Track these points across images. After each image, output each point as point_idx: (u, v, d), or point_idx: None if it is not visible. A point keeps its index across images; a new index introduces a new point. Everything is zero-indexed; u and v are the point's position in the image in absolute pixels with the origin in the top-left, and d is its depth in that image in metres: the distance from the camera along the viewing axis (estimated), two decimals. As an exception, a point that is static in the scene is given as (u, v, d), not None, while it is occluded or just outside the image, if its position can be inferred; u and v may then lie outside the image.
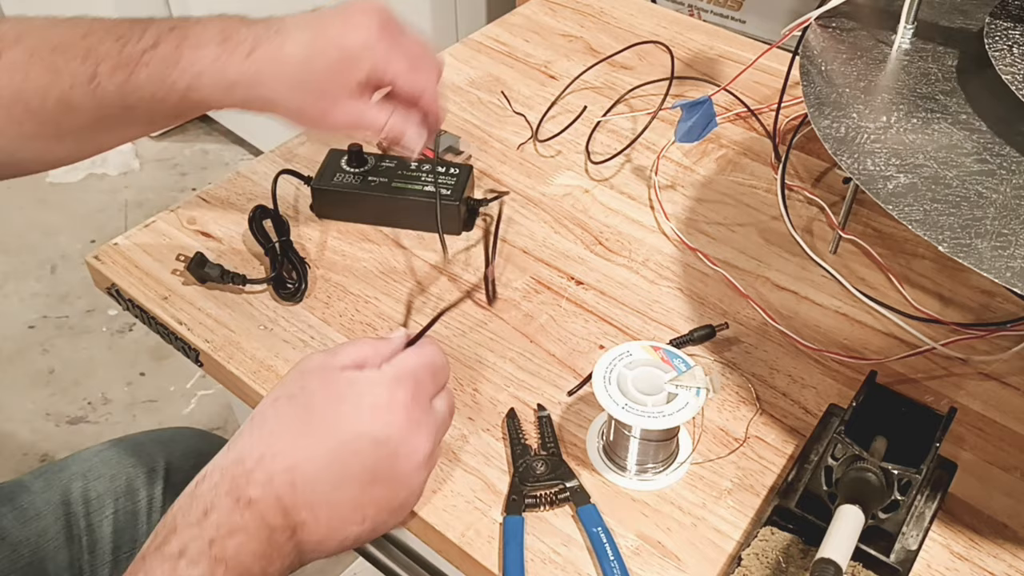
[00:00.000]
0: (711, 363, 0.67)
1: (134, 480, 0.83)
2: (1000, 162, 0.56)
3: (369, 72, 0.64)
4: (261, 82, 0.62)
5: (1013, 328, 0.68)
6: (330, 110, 0.64)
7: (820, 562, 0.48)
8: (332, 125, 0.65)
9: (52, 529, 0.79)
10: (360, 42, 0.63)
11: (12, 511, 0.79)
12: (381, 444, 0.52)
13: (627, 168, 0.83)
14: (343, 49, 0.63)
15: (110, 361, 1.77)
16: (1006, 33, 0.63)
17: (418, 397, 0.53)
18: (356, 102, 0.64)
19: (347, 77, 0.63)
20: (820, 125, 0.60)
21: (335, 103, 0.64)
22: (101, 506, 0.81)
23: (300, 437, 0.51)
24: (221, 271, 0.71)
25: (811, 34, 0.68)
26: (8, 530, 0.77)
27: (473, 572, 0.57)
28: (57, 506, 0.80)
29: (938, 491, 0.58)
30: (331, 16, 0.64)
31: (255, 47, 0.62)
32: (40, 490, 0.81)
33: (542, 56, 0.97)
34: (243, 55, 0.62)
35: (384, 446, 0.52)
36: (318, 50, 0.63)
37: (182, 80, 0.61)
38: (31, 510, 0.80)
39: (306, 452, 0.50)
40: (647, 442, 0.58)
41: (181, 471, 0.85)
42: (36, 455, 1.61)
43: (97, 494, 0.82)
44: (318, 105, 0.64)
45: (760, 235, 0.77)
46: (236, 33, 0.62)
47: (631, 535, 0.57)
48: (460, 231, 0.76)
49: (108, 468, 0.83)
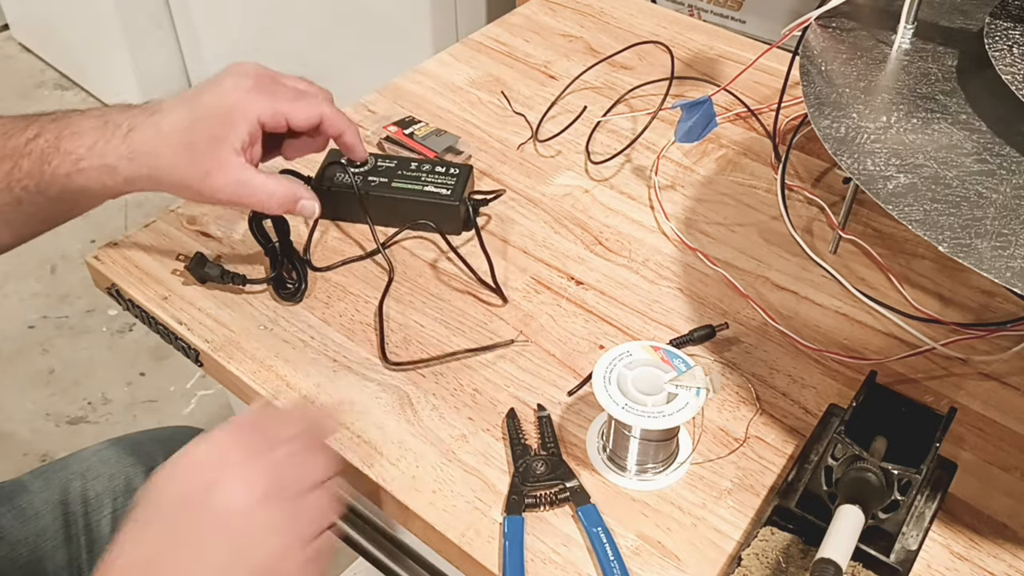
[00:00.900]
0: (711, 363, 0.67)
1: (133, 479, 0.83)
2: (1000, 162, 0.56)
3: (251, 127, 0.64)
4: (141, 160, 0.63)
5: (1013, 328, 0.68)
6: (214, 172, 0.63)
7: (820, 562, 0.48)
8: (218, 188, 0.64)
9: (50, 528, 0.79)
10: (236, 99, 0.64)
11: (11, 511, 0.79)
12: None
13: (627, 168, 0.83)
14: (220, 108, 0.63)
15: (110, 361, 1.77)
16: (1006, 33, 0.63)
17: None
18: (240, 165, 0.64)
19: (227, 134, 0.63)
20: (820, 125, 0.60)
21: (219, 165, 0.63)
22: (99, 505, 0.81)
23: None
24: (221, 271, 0.71)
25: (811, 34, 0.68)
26: (6, 529, 0.77)
27: (473, 572, 0.57)
28: (56, 505, 0.80)
29: (938, 491, 0.58)
30: (205, 86, 0.65)
31: (132, 127, 0.63)
32: (39, 490, 0.81)
33: (542, 56, 0.97)
34: (121, 137, 0.63)
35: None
36: (196, 117, 0.63)
37: (62, 167, 0.62)
38: (29, 509, 0.80)
39: None
40: (647, 442, 0.58)
41: None
42: (36, 455, 1.61)
43: (96, 493, 0.82)
44: (201, 167, 0.63)
45: (760, 235, 0.77)
46: (114, 118, 0.63)
47: (631, 535, 0.57)
48: (460, 231, 0.76)
49: (107, 467, 0.83)
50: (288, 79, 0.68)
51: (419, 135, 0.84)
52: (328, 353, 0.67)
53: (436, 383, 0.65)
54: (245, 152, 0.64)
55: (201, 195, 0.65)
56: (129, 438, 0.88)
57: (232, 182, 0.64)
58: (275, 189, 0.65)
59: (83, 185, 0.63)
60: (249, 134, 0.64)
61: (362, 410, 0.63)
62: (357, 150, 0.72)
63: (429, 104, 0.90)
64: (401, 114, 0.87)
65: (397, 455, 0.61)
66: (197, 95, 0.65)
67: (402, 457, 0.61)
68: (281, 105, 0.65)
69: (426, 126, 0.85)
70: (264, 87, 0.65)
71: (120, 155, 0.63)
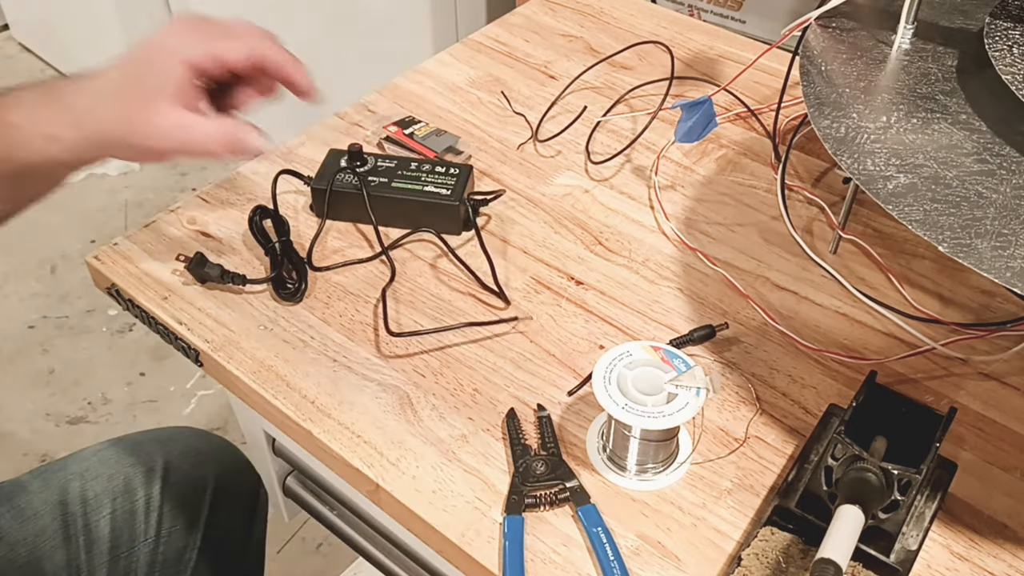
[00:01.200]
0: (711, 363, 0.67)
1: (132, 479, 0.83)
2: (1000, 162, 0.56)
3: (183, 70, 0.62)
4: (82, 123, 0.62)
5: (1013, 328, 0.68)
6: (151, 120, 0.62)
7: (820, 562, 0.48)
8: (157, 137, 0.62)
9: (49, 529, 0.79)
10: (166, 44, 0.63)
11: (9, 511, 0.79)
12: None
13: (627, 168, 0.83)
14: (150, 56, 0.63)
15: (110, 361, 1.77)
16: (1006, 33, 0.63)
17: None
18: (176, 111, 0.62)
19: (159, 80, 0.62)
20: (820, 125, 0.60)
21: (155, 112, 0.62)
22: (99, 506, 0.81)
23: None
24: (221, 271, 0.71)
25: (811, 34, 0.68)
26: (5, 530, 0.77)
27: (473, 572, 0.57)
28: (55, 506, 0.80)
29: (938, 491, 0.58)
30: (141, 43, 0.64)
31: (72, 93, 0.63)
32: (38, 490, 0.81)
33: (542, 56, 0.97)
34: (62, 105, 0.62)
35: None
36: (128, 70, 0.63)
37: (4, 140, 0.61)
38: (28, 510, 0.79)
39: None
40: (647, 442, 0.58)
41: (180, 470, 0.85)
42: (36, 455, 1.61)
43: (95, 494, 0.82)
44: (137, 118, 0.62)
45: (760, 235, 0.77)
46: (56, 86, 0.63)
47: (631, 535, 0.57)
48: (460, 231, 0.76)
49: (106, 468, 0.83)
50: (226, 23, 0.65)
51: (419, 135, 0.84)
52: (328, 353, 0.67)
53: (436, 383, 0.65)
54: (182, 98, 0.62)
55: (143, 149, 0.63)
56: (129, 438, 0.88)
57: (169, 127, 0.62)
58: (216, 129, 0.63)
59: (28, 158, 0.62)
60: (182, 77, 0.62)
61: (362, 410, 0.63)
62: (302, 85, 0.67)
63: (429, 104, 0.90)
64: (401, 114, 0.88)
65: (397, 455, 0.61)
66: (132, 51, 0.64)
67: (402, 457, 0.61)
68: (213, 45, 0.63)
69: (426, 126, 0.85)
70: (196, 30, 0.64)
71: (62, 122, 0.62)
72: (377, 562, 0.79)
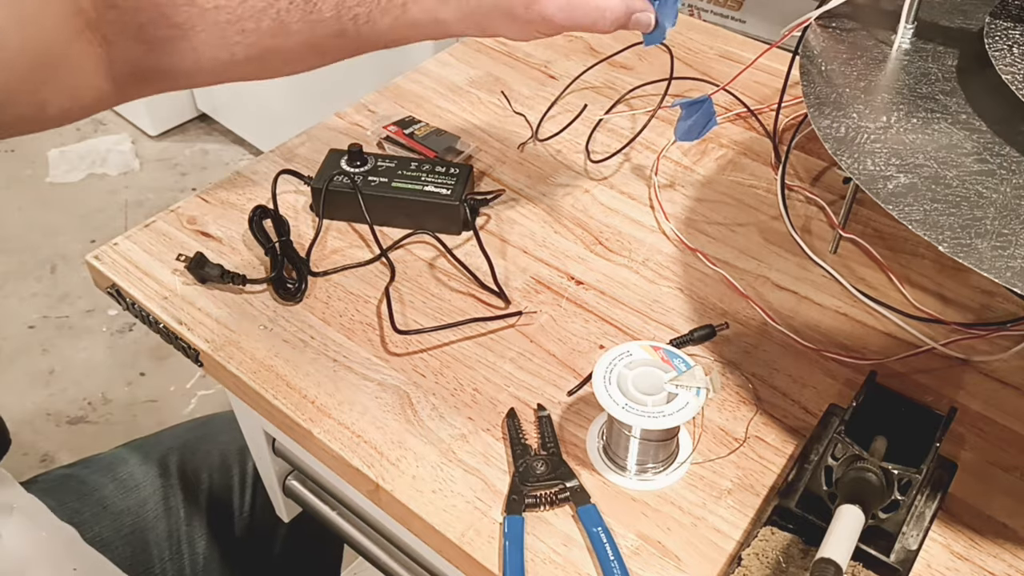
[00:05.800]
0: (711, 363, 0.67)
1: (227, 456, 0.84)
2: (1000, 162, 0.56)
3: None
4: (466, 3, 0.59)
5: (1013, 328, 0.68)
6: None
7: (820, 562, 0.48)
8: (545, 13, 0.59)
9: (151, 500, 0.80)
10: None
11: (112, 481, 0.79)
12: None
13: (627, 168, 0.83)
14: None
15: (110, 361, 1.77)
16: (1006, 33, 0.63)
17: None
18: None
19: None
20: (820, 125, 0.60)
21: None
22: (197, 480, 0.82)
23: None
24: (221, 271, 0.71)
25: (811, 34, 0.68)
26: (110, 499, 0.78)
27: (473, 572, 0.57)
28: (155, 478, 0.81)
29: (938, 491, 0.58)
30: None
31: None
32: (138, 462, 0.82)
33: (542, 56, 0.97)
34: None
35: None
36: None
37: (400, 32, 0.60)
38: (131, 481, 0.80)
39: None
40: (647, 442, 0.58)
41: None
42: (36, 455, 1.61)
43: (193, 468, 0.83)
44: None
45: (760, 235, 0.77)
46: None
47: (631, 535, 0.57)
48: (460, 231, 0.76)
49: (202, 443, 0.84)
50: None
51: (419, 135, 0.84)
52: (328, 353, 0.67)
53: (436, 383, 0.65)
54: None
55: (528, 25, 0.61)
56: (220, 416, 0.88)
57: (560, 3, 0.60)
58: (608, 4, 0.60)
59: (416, 18, 0.60)
60: None
61: (362, 410, 0.63)
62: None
63: (429, 104, 0.90)
64: (401, 114, 0.88)
65: (397, 455, 0.61)
66: None
67: (402, 457, 0.61)
68: None
69: (426, 126, 0.85)
70: None
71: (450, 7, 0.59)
72: (377, 562, 0.79)
